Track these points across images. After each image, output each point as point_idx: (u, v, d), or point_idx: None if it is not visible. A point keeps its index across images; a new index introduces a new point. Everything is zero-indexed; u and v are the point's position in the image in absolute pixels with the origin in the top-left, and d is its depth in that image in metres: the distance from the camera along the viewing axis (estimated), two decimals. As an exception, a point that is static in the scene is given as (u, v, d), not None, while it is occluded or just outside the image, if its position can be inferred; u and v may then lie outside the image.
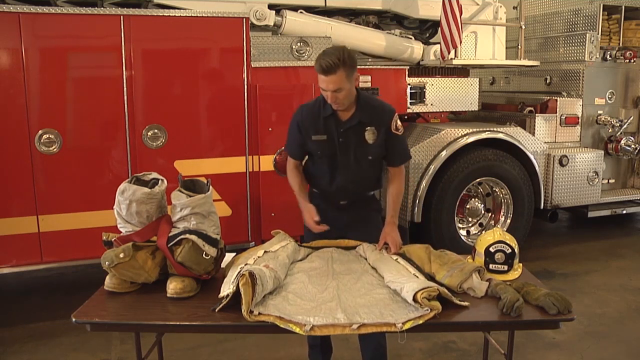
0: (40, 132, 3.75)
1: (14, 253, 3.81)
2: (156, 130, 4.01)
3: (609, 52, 5.67)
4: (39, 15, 3.67)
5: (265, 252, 2.53)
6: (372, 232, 2.87)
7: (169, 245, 2.30)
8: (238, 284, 2.07)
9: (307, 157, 2.89)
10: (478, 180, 5.04)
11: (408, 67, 5.06)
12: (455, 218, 4.96)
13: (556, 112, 5.51)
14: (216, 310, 2.12)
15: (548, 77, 5.95)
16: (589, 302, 4.38)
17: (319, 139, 2.72)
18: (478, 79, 5.42)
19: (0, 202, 3.73)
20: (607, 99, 5.77)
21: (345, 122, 2.69)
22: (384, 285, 2.33)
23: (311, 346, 3.07)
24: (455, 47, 4.71)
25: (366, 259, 2.64)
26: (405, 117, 5.37)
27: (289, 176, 2.89)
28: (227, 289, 2.16)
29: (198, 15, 4.05)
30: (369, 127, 2.70)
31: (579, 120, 5.61)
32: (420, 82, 5.10)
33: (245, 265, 2.27)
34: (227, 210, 4.22)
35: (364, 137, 2.71)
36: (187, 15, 4.06)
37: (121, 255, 2.26)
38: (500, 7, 5.41)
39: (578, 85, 5.67)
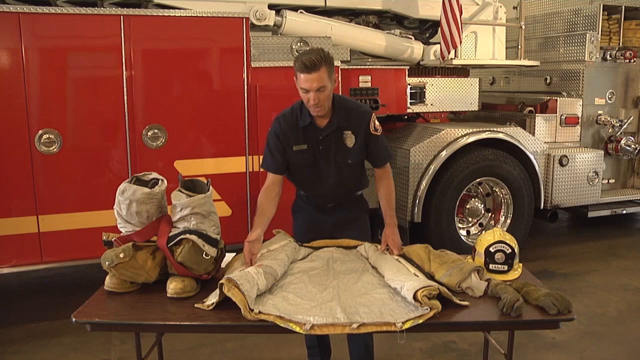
0: (40, 132, 3.75)
1: (14, 253, 3.81)
2: (156, 130, 4.01)
3: (609, 52, 5.67)
4: (39, 15, 3.67)
5: (261, 253, 2.53)
6: (362, 231, 2.86)
7: (169, 245, 2.31)
8: (222, 290, 2.10)
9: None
10: (478, 180, 5.03)
11: (408, 67, 5.05)
12: (455, 218, 4.95)
13: (556, 112, 5.51)
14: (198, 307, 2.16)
15: (548, 77, 5.95)
16: (589, 302, 4.37)
17: (300, 148, 2.67)
18: (478, 79, 5.42)
19: (0, 202, 3.73)
20: (607, 99, 5.76)
21: (324, 129, 2.64)
22: (384, 285, 2.34)
23: (309, 347, 3.07)
24: (455, 47, 4.71)
25: (367, 259, 2.64)
26: (405, 117, 5.37)
27: (261, 194, 2.68)
28: (212, 297, 2.19)
29: (198, 15, 4.05)
30: (347, 131, 2.66)
31: (579, 120, 5.61)
32: (420, 82, 5.09)
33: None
34: (227, 210, 4.22)
35: (344, 142, 2.67)
36: (187, 15, 4.05)
37: (121, 255, 2.26)
38: (500, 7, 5.41)
39: (578, 85, 5.66)
